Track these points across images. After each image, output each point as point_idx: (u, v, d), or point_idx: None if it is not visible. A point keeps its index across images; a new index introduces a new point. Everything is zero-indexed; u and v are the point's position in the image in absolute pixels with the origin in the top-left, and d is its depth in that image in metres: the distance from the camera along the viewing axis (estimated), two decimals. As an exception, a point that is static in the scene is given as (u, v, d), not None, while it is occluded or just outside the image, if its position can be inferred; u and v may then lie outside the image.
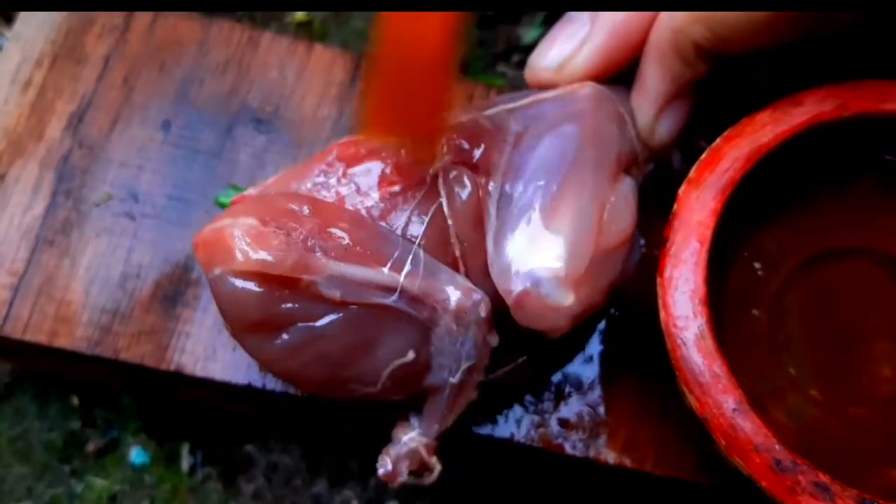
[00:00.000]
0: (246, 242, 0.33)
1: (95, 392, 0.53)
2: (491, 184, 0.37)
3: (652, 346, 0.39)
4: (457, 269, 0.36)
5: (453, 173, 0.37)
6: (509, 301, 0.35)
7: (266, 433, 0.53)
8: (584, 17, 0.38)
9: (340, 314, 0.34)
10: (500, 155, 0.37)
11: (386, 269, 0.34)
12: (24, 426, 0.53)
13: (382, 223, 0.36)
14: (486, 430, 0.41)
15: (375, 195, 0.36)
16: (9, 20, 0.57)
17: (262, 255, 0.33)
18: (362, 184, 0.36)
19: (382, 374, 0.35)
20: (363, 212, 0.36)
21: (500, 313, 0.36)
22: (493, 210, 0.36)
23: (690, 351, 0.35)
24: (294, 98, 0.46)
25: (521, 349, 0.40)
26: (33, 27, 0.46)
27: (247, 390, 0.42)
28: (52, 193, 0.44)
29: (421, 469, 0.38)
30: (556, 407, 0.41)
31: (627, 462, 0.41)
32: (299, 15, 0.59)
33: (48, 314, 0.42)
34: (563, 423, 0.41)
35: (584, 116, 0.37)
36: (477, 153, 0.37)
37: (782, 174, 0.39)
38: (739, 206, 0.37)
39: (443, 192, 0.36)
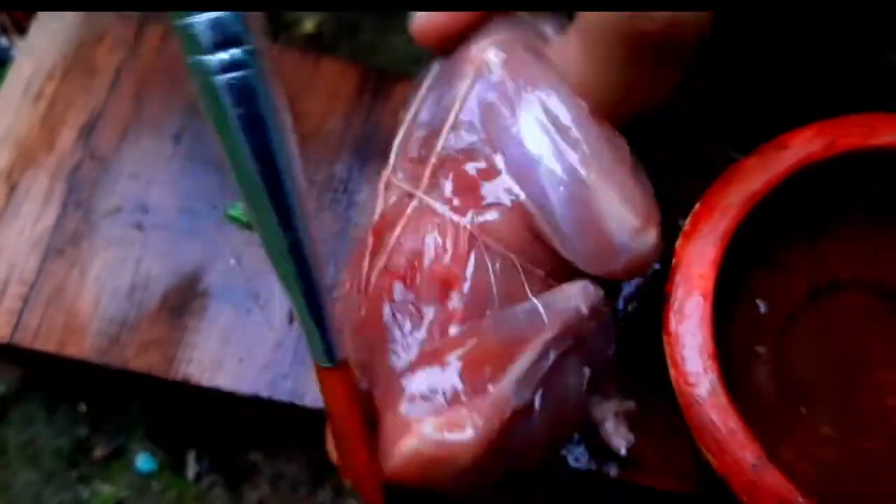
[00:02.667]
0: (453, 440, 0.32)
1: (103, 399, 0.54)
2: (517, 198, 0.36)
3: (656, 358, 0.39)
4: (549, 283, 0.36)
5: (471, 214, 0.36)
6: (618, 276, 0.36)
7: (272, 442, 0.53)
8: None
9: (537, 403, 0.34)
10: (494, 167, 0.36)
11: (533, 342, 0.34)
12: (33, 432, 0.53)
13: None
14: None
15: (455, 298, 0.35)
16: (21, 31, 0.58)
17: (475, 437, 0.32)
18: (436, 311, 0.36)
19: (583, 400, 0.36)
20: (466, 318, 0.35)
21: None
22: (540, 218, 0.35)
23: (704, 408, 0.35)
24: (302, 110, 0.46)
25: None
26: (45, 39, 0.47)
27: (253, 400, 0.42)
28: (62, 204, 0.44)
29: (629, 417, 0.40)
30: (558, 421, 0.42)
31: (630, 475, 0.41)
32: (308, 27, 0.60)
33: (58, 323, 0.43)
34: (566, 437, 0.42)
35: (520, 77, 0.36)
36: (482, 185, 0.36)
37: (775, 214, 0.39)
38: (737, 249, 0.37)
39: (487, 251, 0.36)
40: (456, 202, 0.36)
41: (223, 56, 0.27)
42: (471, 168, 0.36)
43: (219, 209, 0.44)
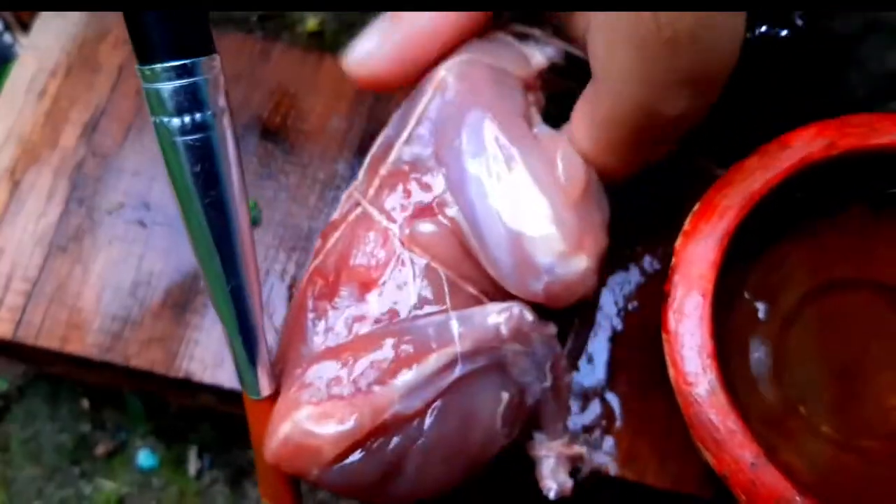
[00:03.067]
0: (320, 433, 0.33)
1: (105, 395, 0.54)
2: (451, 212, 0.36)
3: (653, 356, 0.39)
4: (480, 302, 0.36)
5: (417, 230, 0.36)
6: (540, 300, 0.35)
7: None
8: (389, 15, 0.38)
9: (431, 416, 0.34)
10: (436, 181, 0.37)
11: (435, 354, 0.34)
12: (36, 428, 0.54)
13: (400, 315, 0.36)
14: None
15: (374, 302, 0.36)
16: (25, 28, 0.58)
17: (342, 430, 0.32)
18: (350, 310, 0.36)
19: (497, 428, 0.35)
20: (378, 320, 0.36)
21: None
22: (469, 233, 0.36)
23: (703, 407, 0.35)
24: (304, 109, 0.47)
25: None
26: (49, 37, 0.47)
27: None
28: (65, 201, 0.44)
29: (574, 463, 0.39)
30: (558, 419, 0.42)
31: (628, 474, 0.41)
32: (311, 25, 0.60)
33: (60, 320, 0.43)
34: (565, 435, 0.42)
35: (471, 96, 0.36)
36: (421, 197, 0.37)
37: (775, 213, 0.39)
38: (736, 248, 0.37)
39: (412, 261, 0.36)
40: (395, 212, 0.36)
41: (186, 119, 0.29)
42: (414, 181, 0.37)
43: (221, 207, 0.45)
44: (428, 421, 0.34)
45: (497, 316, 0.34)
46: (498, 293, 0.36)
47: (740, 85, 0.36)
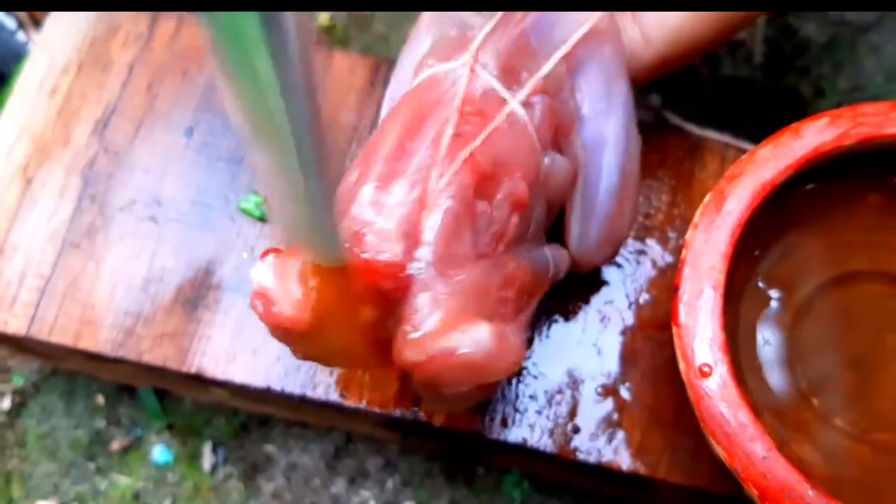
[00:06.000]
0: (493, 352, 0.30)
1: (120, 391, 0.54)
2: (567, 154, 0.38)
3: (665, 349, 0.39)
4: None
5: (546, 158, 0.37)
6: (580, 261, 0.40)
7: (286, 434, 0.54)
8: None
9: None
10: (568, 123, 0.38)
11: (542, 290, 0.36)
12: (52, 424, 0.54)
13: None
14: (498, 434, 0.41)
15: (514, 219, 0.35)
16: (38, 25, 0.58)
17: (513, 354, 0.31)
18: (504, 211, 0.34)
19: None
20: (514, 236, 0.35)
21: None
22: (579, 182, 0.38)
23: (714, 401, 0.34)
24: (314, 104, 0.47)
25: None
26: (60, 35, 0.47)
27: (265, 393, 0.42)
28: (77, 198, 0.45)
29: None
30: (569, 413, 0.42)
31: (640, 469, 0.41)
32: (322, 20, 0.60)
33: (73, 316, 0.43)
34: (576, 429, 0.42)
35: (614, 61, 0.39)
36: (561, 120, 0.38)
37: (788, 203, 0.38)
38: (748, 239, 0.37)
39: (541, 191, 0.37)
40: (540, 131, 0.36)
41: None
42: (558, 105, 0.37)
43: (231, 202, 0.45)
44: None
45: (565, 262, 0.38)
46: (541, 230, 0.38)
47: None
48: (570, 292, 0.43)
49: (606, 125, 0.38)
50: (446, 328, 0.30)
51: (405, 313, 0.31)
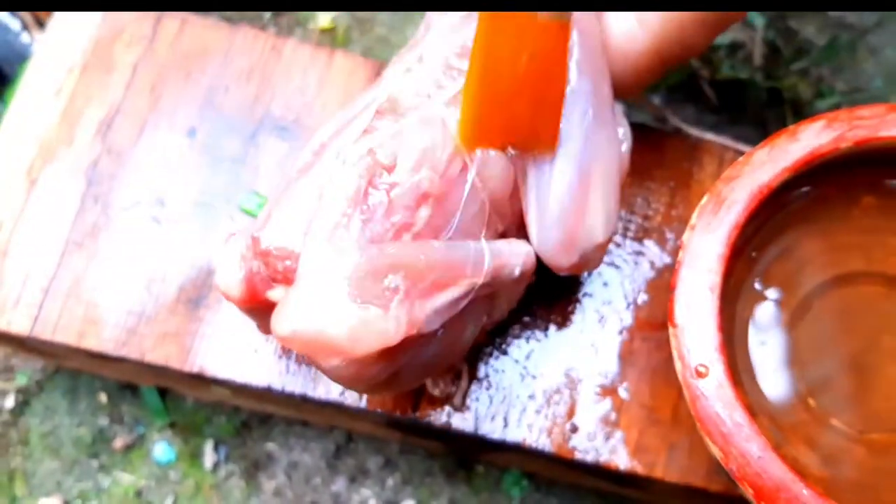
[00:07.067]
0: (354, 333, 0.32)
1: (123, 390, 0.55)
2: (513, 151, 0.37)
3: (662, 349, 0.39)
4: (500, 236, 0.38)
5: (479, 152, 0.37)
6: (554, 265, 0.38)
7: (287, 432, 0.54)
8: None
9: (440, 332, 0.35)
10: None
11: (466, 281, 0.35)
12: (55, 422, 0.54)
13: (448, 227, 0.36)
14: (497, 434, 0.42)
15: (424, 212, 0.35)
16: (42, 26, 0.59)
17: (376, 338, 0.32)
18: (408, 202, 0.35)
19: (465, 347, 0.38)
20: (425, 228, 0.35)
21: None
22: (532, 185, 0.37)
23: (710, 401, 0.35)
24: (316, 106, 0.47)
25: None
26: (64, 35, 0.47)
27: (266, 392, 0.43)
28: (81, 198, 0.45)
29: None
30: (567, 412, 0.42)
31: (638, 468, 0.41)
32: (324, 22, 0.60)
33: (77, 315, 0.43)
34: (574, 428, 0.42)
35: (580, 61, 0.37)
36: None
37: (785, 205, 0.39)
38: (746, 240, 0.37)
39: (474, 174, 0.36)
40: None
41: None
42: None
43: (233, 203, 0.45)
44: (437, 336, 0.35)
45: (520, 257, 0.37)
46: (512, 233, 0.38)
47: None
48: (568, 293, 0.44)
49: (563, 120, 0.37)
50: (310, 305, 0.32)
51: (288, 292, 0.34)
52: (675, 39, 0.38)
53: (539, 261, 0.37)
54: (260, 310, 0.36)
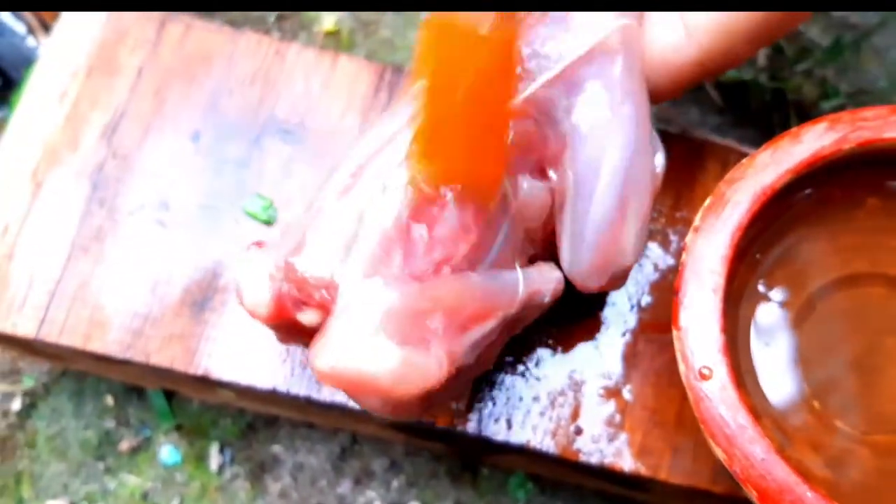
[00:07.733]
0: (396, 375, 0.32)
1: (129, 392, 0.55)
2: (555, 177, 0.37)
3: (666, 351, 0.39)
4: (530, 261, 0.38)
5: (520, 182, 0.36)
6: (587, 290, 0.38)
7: (292, 434, 0.54)
8: None
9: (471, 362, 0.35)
10: (558, 145, 0.37)
11: (501, 313, 0.35)
12: (61, 425, 0.55)
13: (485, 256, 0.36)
14: (502, 436, 0.42)
15: (464, 247, 0.35)
16: (48, 30, 0.59)
17: (418, 379, 0.32)
18: (450, 237, 0.34)
19: (489, 367, 0.38)
20: (464, 261, 0.35)
21: None
22: (568, 206, 0.37)
23: (713, 403, 0.34)
24: (320, 109, 0.47)
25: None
26: (69, 40, 0.48)
27: (271, 394, 0.43)
28: (86, 202, 0.45)
29: None
30: (571, 415, 0.42)
31: (642, 470, 0.41)
32: (328, 25, 0.60)
33: (82, 318, 0.44)
34: (578, 430, 0.42)
35: (624, 83, 0.36)
36: (536, 155, 0.37)
37: (788, 206, 0.39)
38: (749, 242, 0.37)
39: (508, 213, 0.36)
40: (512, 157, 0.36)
41: None
42: (545, 127, 0.36)
43: (237, 206, 0.45)
44: (467, 367, 0.35)
45: (550, 284, 0.37)
46: (540, 255, 0.38)
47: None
48: (572, 295, 0.44)
49: (605, 148, 0.36)
50: (352, 343, 0.32)
51: (326, 323, 0.33)
52: (722, 52, 0.37)
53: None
54: (285, 326, 0.35)
